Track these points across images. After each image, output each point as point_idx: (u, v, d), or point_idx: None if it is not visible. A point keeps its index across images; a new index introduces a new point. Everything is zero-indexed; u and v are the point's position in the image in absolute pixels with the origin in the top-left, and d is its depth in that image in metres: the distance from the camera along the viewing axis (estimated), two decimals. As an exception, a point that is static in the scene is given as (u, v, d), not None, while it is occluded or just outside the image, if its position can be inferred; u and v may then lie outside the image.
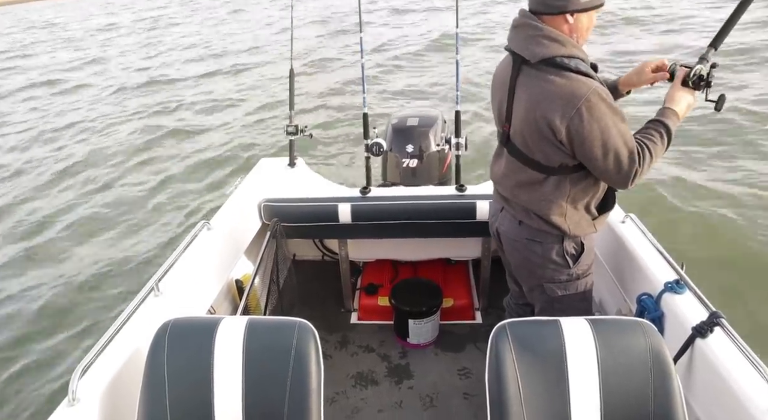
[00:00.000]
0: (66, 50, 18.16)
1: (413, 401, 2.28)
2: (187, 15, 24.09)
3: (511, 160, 1.65)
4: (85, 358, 1.43)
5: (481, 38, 11.72)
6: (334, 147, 6.77)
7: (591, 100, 1.40)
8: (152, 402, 1.27)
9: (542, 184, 1.59)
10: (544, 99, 1.46)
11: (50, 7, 41.23)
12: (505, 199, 1.75)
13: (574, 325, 1.26)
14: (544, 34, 1.47)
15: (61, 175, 6.90)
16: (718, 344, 1.41)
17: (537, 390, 1.22)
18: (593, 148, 1.44)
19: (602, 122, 1.41)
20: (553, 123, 1.44)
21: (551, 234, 1.64)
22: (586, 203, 1.62)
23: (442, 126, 2.90)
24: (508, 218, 1.75)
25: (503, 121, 1.64)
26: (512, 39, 1.57)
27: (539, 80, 1.48)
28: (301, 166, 2.93)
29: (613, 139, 1.43)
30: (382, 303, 2.71)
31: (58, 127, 9.07)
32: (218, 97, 9.76)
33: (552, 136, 1.47)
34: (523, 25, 1.53)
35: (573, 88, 1.42)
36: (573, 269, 1.69)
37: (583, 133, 1.42)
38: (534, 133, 1.51)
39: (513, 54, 1.57)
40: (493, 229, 1.88)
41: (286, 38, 13.16)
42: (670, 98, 1.55)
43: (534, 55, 1.48)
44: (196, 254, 2.02)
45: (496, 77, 1.71)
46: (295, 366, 1.26)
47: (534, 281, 1.76)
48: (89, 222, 5.49)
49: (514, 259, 1.80)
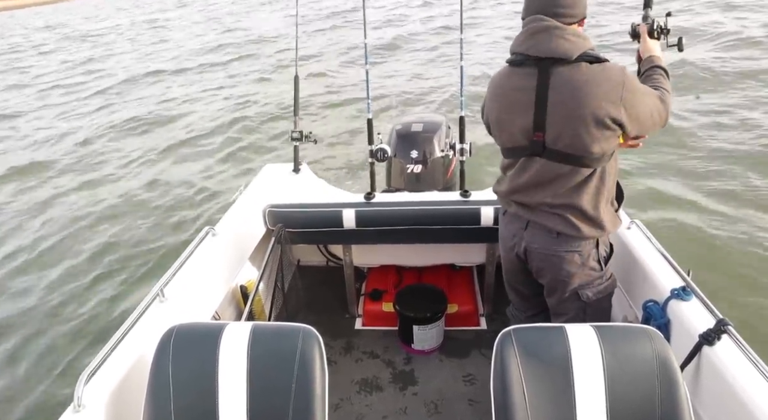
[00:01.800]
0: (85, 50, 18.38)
1: (418, 407, 2.27)
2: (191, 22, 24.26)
3: (552, 166, 1.60)
4: (90, 364, 1.43)
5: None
6: (338, 153, 6.79)
7: (627, 76, 1.52)
8: (157, 408, 1.27)
9: (590, 179, 1.60)
10: (592, 91, 1.49)
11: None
12: (532, 211, 1.69)
13: (580, 332, 1.25)
14: (570, 32, 1.54)
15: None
16: (725, 351, 1.40)
17: (542, 397, 1.21)
18: (646, 114, 1.56)
19: (639, 90, 1.54)
20: (609, 110, 1.49)
21: (588, 239, 1.64)
22: (612, 196, 1.69)
23: (447, 131, 2.90)
24: (541, 234, 1.69)
25: (530, 132, 1.60)
26: (535, 45, 1.55)
27: (580, 75, 1.51)
28: (306, 172, 2.93)
29: (650, 98, 1.57)
30: (386, 309, 2.70)
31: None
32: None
33: (610, 122, 1.51)
34: (545, 29, 1.54)
35: (611, 73, 1.51)
36: (605, 270, 1.72)
37: (637, 107, 1.52)
38: (588, 127, 1.51)
39: (535, 61, 1.56)
40: (514, 252, 1.80)
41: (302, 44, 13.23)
42: (647, 50, 1.77)
43: (569, 53, 1.51)
44: (201, 260, 2.03)
45: (506, 96, 1.66)
46: (299, 372, 1.26)
47: (569, 291, 1.72)
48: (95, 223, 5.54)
49: (549, 273, 1.73)
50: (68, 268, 4.75)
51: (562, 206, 1.62)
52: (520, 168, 1.69)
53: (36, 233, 5.49)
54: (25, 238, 5.40)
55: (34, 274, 4.71)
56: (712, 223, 4.24)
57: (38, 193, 6.57)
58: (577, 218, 1.62)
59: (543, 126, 1.58)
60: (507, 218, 1.83)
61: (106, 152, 7.81)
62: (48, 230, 5.51)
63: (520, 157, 1.68)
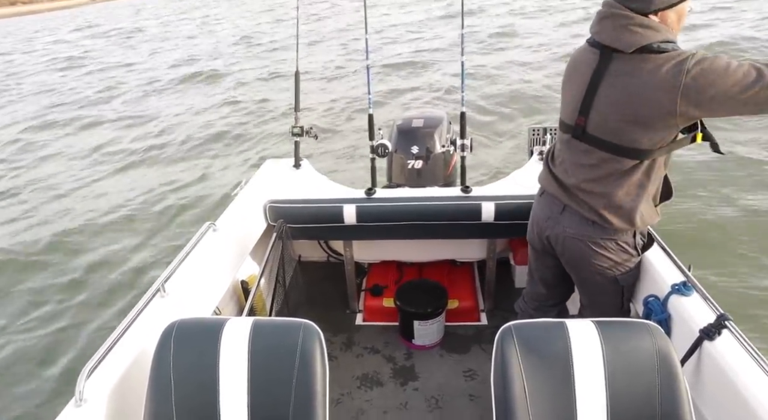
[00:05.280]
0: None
1: (418, 403, 2.27)
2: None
3: (593, 151, 1.58)
4: (91, 358, 1.43)
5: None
6: (339, 148, 6.78)
7: (695, 61, 1.37)
8: (158, 402, 1.27)
9: (633, 172, 1.54)
10: (646, 83, 1.41)
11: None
12: (569, 195, 1.67)
13: (580, 327, 1.25)
14: (637, 22, 1.43)
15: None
16: (726, 346, 1.40)
17: (543, 392, 1.21)
18: (725, 96, 1.36)
19: (714, 71, 1.35)
20: (662, 101, 1.40)
21: (625, 229, 1.63)
22: (655, 193, 1.62)
23: (448, 127, 2.90)
24: (576, 220, 1.67)
25: (576, 114, 1.59)
26: (600, 31, 1.52)
27: (636, 69, 1.44)
28: (307, 168, 2.93)
29: (734, 77, 1.34)
30: (387, 304, 2.71)
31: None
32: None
33: (665, 114, 1.42)
34: (612, 16, 1.48)
35: (673, 62, 1.39)
36: (639, 257, 1.73)
37: (708, 91, 1.36)
38: (636, 119, 1.46)
39: (600, 46, 1.52)
40: (546, 234, 1.79)
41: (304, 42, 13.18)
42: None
43: (628, 44, 1.43)
44: (202, 255, 2.03)
45: (572, 69, 1.65)
46: (300, 367, 1.26)
47: (606, 276, 1.73)
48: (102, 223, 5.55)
49: (583, 260, 1.72)
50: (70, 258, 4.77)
51: (598, 194, 1.60)
52: (567, 145, 1.68)
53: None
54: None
55: (30, 273, 4.73)
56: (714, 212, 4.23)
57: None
58: (610, 209, 1.60)
59: (588, 111, 1.56)
60: (543, 200, 1.81)
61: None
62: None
63: (567, 134, 1.67)
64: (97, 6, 52.04)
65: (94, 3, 56.36)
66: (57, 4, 57.45)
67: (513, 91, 8.12)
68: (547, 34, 12.07)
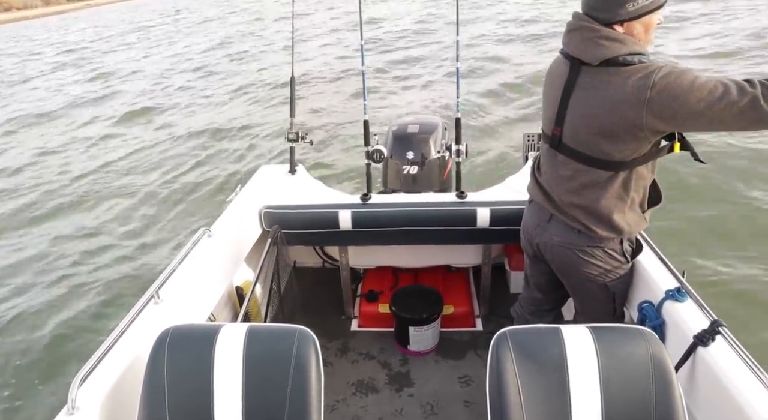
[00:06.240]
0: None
1: (414, 409, 2.27)
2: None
3: (569, 162, 1.60)
4: (84, 365, 1.42)
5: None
6: (334, 154, 6.79)
7: (662, 74, 1.37)
8: (152, 410, 1.26)
9: (611, 182, 1.55)
10: (612, 96, 1.43)
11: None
12: (556, 207, 1.70)
13: (575, 333, 1.26)
14: (603, 35, 1.44)
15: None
16: (719, 352, 1.41)
17: (538, 397, 1.21)
18: (690, 112, 1.35)
19: (680, 86, 1.34)
20: (628, 114, 1.41)
21: (611, 238, 1.64)
22: (640, 200, 1.63)
23: (443, 133, 2.91)
24: (562, 228, 1.69)
25: (553, 125, 1.62)
26: (568, 43, 1.55)
27: (602, 82, 1.46)
28: (302, 173, 2.93)
29: (700, 93, 1.33)
30: (382, 310, 2.70)
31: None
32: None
33: (631, 127, 1.43)
34: (579, 28, 1.50)
35: (639, 75, 1.39)
36: (630, 264, 1.74)
37: (672, 106, 1.36)
38: (605, 132, 1.47)
39: (570, 58, 1.55)
40: (535, 242, 1.81)
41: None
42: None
43: (594, 57, 1.45)
44: (197, 261, 2.02)
45: (549, 79, 1.68)
46: (295, 373, 1.26)
47: (595, 283, 1.74)
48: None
49: (571, 268, 1.74)
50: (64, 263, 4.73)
51: (580, 205, 1.62)
52: (547, 159, 1.71)
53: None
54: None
55: (29, 274, 4.69)
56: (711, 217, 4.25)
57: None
58: (593, 219, 1.61)
59: (562, 122, 1.58)
60: (532, 207, 1.84)
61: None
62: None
63: (546, 144, 1.69)
64: (92, 10, 52.06)
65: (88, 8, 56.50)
66: (51, 9, 57.76)
67: (508, 97, 8.17)
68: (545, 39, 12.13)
